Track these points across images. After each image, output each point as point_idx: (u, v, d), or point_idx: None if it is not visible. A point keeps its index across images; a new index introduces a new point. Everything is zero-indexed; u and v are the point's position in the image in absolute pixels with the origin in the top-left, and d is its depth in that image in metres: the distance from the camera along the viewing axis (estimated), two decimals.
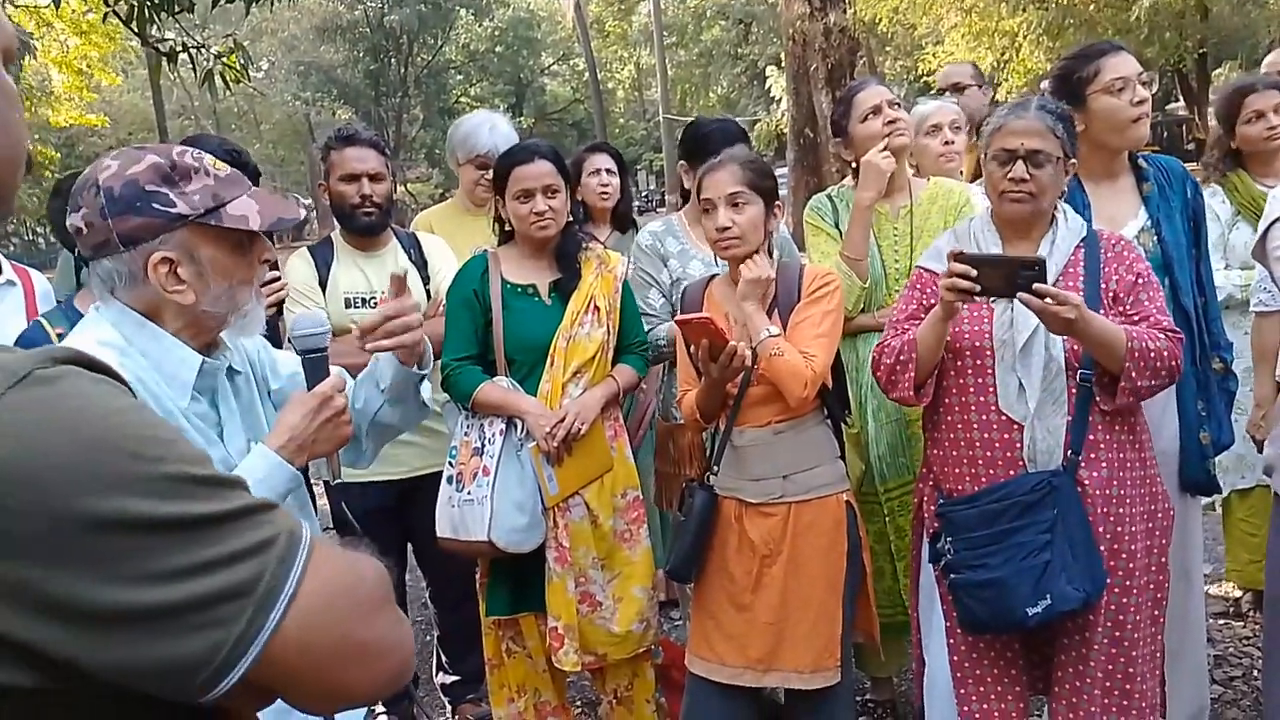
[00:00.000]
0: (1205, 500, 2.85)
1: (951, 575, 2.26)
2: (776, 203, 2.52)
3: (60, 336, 2.37)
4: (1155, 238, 2.53)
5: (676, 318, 2.45)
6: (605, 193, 3.71)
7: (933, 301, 2.35)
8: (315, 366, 1.70)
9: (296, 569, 0.77)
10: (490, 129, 3.50)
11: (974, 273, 2.12)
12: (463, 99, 32.85)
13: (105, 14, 5.36)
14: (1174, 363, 2.17)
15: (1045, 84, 2.65)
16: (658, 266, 3.05)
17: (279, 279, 2.85)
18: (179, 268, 1.51)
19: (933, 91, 2.99)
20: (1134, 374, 2.13)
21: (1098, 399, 2.21)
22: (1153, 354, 2.13)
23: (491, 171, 2.91)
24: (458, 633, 3.27)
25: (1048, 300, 2.06)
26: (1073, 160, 2.29)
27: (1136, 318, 2.21)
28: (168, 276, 1.51)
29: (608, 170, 3.72)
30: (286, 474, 1.58)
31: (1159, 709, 2.32)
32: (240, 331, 1.64)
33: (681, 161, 3.19)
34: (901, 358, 2.30)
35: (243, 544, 0.75)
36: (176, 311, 1.56)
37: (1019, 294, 2.09)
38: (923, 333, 2.27)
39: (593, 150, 3.86)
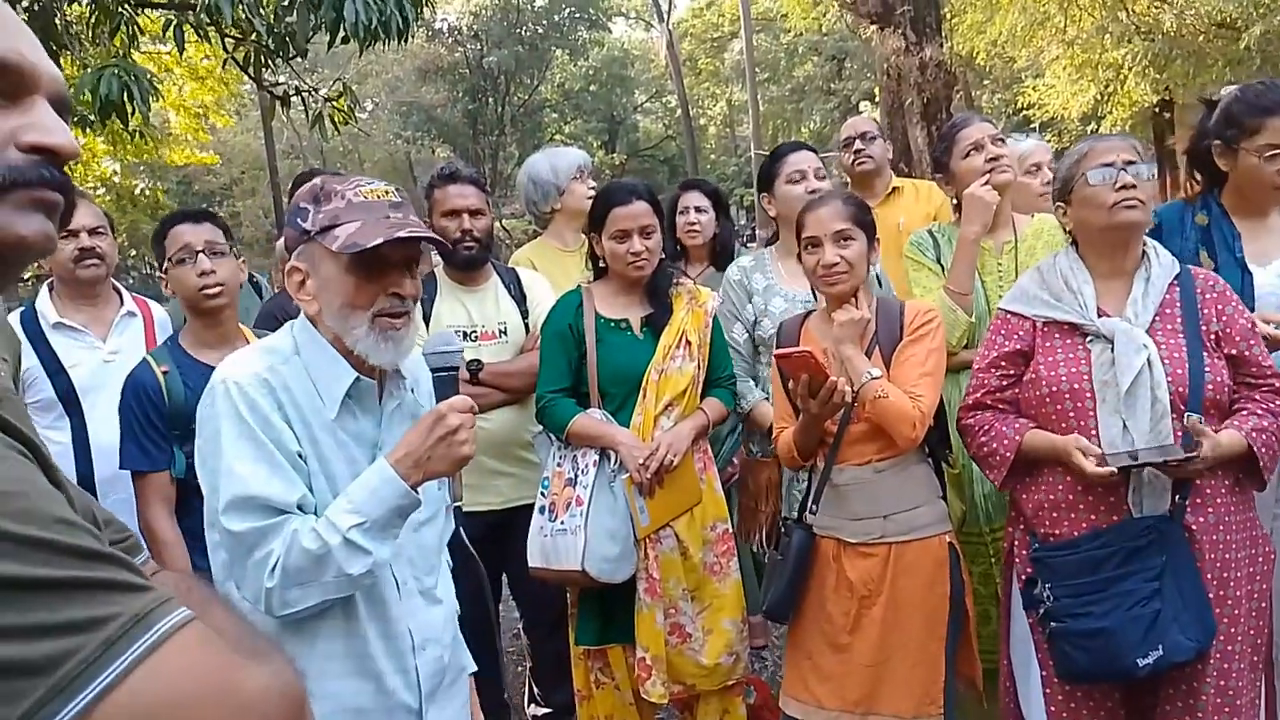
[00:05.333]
0: None
1: (1051, 623, 2.18)
2: (876, 237, 2.51)
3: (166, 374, 2.46)
4: None
5: (776, 351, 2.44)
6: (693, 231, 3.75)
7: (1017, 347, 2.29)
8: (444, 384, 1.70)
9: (126, 658, 0.64)
10: (559, 152, 3.68)
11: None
12: (557, 136, 33.44)
13: (225, 60, 5.64)
14: None
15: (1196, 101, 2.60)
16: (743, 301, 3.07)
17: None
18: (308, 279, 1.64)
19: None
20: (1267, 466, 2.15)
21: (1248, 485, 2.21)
22: (1276, 440, 2.14)
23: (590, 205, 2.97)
24: (550, 664, 3.28)
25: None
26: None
27: (1256, 379, 2.19)
28: (298, 286, 1.65)
29: (697, 208, 3.78)
30: (398, 489, 1.57)
31: None
32: (370, 358, 1.63)
33: (763, 194, 3.20)
34: (1001, 453, 2.27)
35: (55, 617, 0.63)
36: (324, 325, 1.66)
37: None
38: (1036, 447, 2.24)
39: (687, 188, 3.89)
